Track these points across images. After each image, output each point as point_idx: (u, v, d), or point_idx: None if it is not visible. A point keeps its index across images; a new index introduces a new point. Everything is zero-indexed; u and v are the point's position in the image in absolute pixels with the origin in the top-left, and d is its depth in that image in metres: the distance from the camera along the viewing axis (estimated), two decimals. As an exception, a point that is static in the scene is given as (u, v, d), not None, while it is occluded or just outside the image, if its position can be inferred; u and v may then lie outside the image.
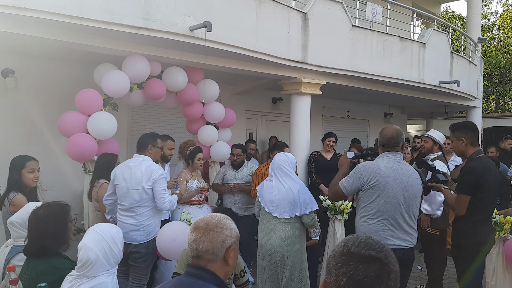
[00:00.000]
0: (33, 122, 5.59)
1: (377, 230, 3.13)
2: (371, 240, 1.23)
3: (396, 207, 3.14)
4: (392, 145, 3.31)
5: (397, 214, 3.14)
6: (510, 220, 4.13)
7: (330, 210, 5.29)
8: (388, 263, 1.16)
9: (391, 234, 3.13)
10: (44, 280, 2.32)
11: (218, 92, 5.87)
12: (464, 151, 3.74)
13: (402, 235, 3.16)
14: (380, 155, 3.35)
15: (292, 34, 5.96)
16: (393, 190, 3.13)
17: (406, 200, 3.17)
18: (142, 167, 3.98)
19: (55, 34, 4.13)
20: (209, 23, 4.38)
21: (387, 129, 3.38)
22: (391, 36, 7.47)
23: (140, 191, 3.94)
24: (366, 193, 3.20)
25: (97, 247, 2.31)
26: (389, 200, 3.13)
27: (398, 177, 3.17)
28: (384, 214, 3.13)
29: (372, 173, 3.16)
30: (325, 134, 6.72)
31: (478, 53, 10.66)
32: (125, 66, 4.90)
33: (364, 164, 3.28)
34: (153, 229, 4.06)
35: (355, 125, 11.23)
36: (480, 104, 10.93)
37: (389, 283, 1.14)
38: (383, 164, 3.22)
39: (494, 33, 24.56)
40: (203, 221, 1.81)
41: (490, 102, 24.02)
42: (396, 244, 3.12)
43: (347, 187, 3.28)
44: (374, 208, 3.15)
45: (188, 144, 5.40)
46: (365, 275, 1.14)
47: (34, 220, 2.60)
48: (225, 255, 1.76)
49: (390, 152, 3.30)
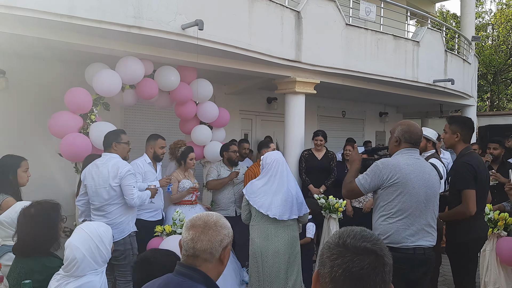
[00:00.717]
0: (24, 122, 5.54)
1: (397, 229, 2.98)
2: (366, 233, 1.22)
3: (417, 206, 3.00)
4: (418, 142, 3.18)
5: (418, 213, 3.00)
6: (504, 216, 4.12)
7: (325, 209, 5.28)
8: (383, 255, 1.16)
9: (412, 233, 2.98)
10: (33, 278, 2.29)
11: (211, 91, 5.84)
12: (455, 145, 3.72)
13: (422, 235, 3.03)
14: (398, 151, 3.17)
15: (286, 33, 5.94)
16: (414, 188, 2.99)
17: (427, 198, 3.04)
18: (108, 165, 3.99)
19: (45, 33, 4.10)
20: (201, 22, 4.35)
21: (413, 126, 3.20)
22: (385, 35, 7.47)
23: (108, 189, 3.94)
24: (385, 191, 3.03)
25: (84, 246, 2.28)
26: (411, 198, 2.98)
27: (419, 174, 3.04)
28: (405, 213, 2.98)
29: (393, 170, 3.00)
30: (314, 132, 6.64)
31: (472, 52, 10.68)
32: (119, 68, 4.88)
33: (383, 161, 3.11)
34: (126, 225, 4.07)
35: (350, 124, 11.23)
36: (474, 103, 10.95)
37: (384, 275, 1.14)
38: (403, 161, 3.06)
39: (488, 32, 24.66)
40: (200, 219, 1.75)
41: (485, 101, 24.11)
42: (418, 244, 2.99)
43: (364, 184, 3.10)
44: (395, 206, 2.99)
45: (179, 144, 5.37)
46: (361, 267, 1.13)
47: (25, 219, 2.57)
48: (221, 255, 1.72)
49: (408, 148, 3.14)
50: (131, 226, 4.14)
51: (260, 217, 4.02)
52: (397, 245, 2.95)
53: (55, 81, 5.68)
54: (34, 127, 5.44)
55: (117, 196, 4.00)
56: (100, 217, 3.98)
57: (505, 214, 4.11)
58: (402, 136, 3.16)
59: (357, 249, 1.16)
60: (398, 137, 3.17)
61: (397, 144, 3.18)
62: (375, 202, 3.17)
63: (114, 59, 4.94)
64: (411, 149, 3.15)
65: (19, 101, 5.57)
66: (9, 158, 3.81)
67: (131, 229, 4.13)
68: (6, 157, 3.83)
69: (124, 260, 4.02)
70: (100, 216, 3.99)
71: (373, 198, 3.24)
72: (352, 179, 3.22)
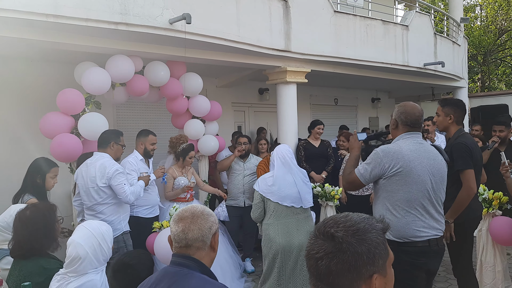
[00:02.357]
0: (15, 124, 5.50)
1: (407, 223, 2.77)
2: (344, 219, 1.23)
3: (424, 194, 2.81)
4: (419, 125, 2.97)
5: (426, 202, 2.82)
6: (498, 196, 4.17)
7: (321, 197, 5.30)
8: (343, 242, 1.17)
9: (423, 224, 2.80)
10: (32, 280, 2.30)
11: (201, 85, 5.81)
12: (448, 127, 3.74)
13: (433, 224, 2.85)
14: (399, 136, 2.97)
15: (274, 23, 5.92)
16: (419, 176, 2.79)
17: (434, 185, 2.85)
18: (96, 164, 3.95)
19: (31, 33, 4.05)
20: (188, 15, 4.32)
21: (411, 107, 2.99)
22: (374, 20, 7.46)
23: (96, 189, 3.93)
24: (388, 181, 2.82)
25: (87, 243, 2.29)
26: (417, 187, 2.78)
27: (423, 160, 2.83)
28: (412, 204, 2.78)
29: (394, 159, 2.79)
30: (313, 122, 6.72)
31: (462, 33, 10.70)
32: (109, 67, 4.84)
33: (383, 148, 2.89)
34: (118, 224, 4.04)
35: (343, 112, 11.25)
36: (466, 84, 10.99)
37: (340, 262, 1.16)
38: (405, 147, 2.85)
39: (476, 13, 24.70)
40: (187, 211, 1.81)
41: (476, 82, 24.19)
42: (430, 234, 2.82)
43: (365, 175, 2.88)
44: (401, 198, 2.79)
45: (182, 140, 5.33)
46: (317, 250, 1.19)
47: (21, 222, 2.57)
48: (212, 241, 1.79)
49: (410, 132, 2.94)
50: (123, 225, 4.11)
51: (279, 214, 3.90)
52: (410, 239, 2.79)
53: (44, 82, 5.63)
54: (26, 129, 5.40)
55: (107, 196, 3.97)
56: (91, 216, 3.97)
57: (499, 194, 4.16)
58: (399, 118, 2.99)
59: (320, 234, 1.21)
60: (395, 120, 3.01)
61: (395, 127, 3.02)
62: (376, 192, 2.96)
63: (103, 57, 4.90)
64: (413, 133, 2.96)
65: (7, 102, 5.51)
66: (42, 162, 3.84)
67: (123, 228, 4.10)
68: (40, 160, 3.86)
69: None
70: (91, 216, 3.97)
71: (373, 188, 3.04)
72: (352, 169, 3.03)
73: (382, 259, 1.19)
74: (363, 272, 1.15)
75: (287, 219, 3.90)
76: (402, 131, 2.98)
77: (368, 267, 1.16)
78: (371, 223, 1.23)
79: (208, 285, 1.66)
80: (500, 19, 22.84)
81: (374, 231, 1.21)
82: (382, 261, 1.19)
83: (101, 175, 3.91)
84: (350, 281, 1.15)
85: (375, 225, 1.23)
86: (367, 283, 1.16)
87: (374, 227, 1.22)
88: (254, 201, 4.04)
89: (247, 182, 5.87)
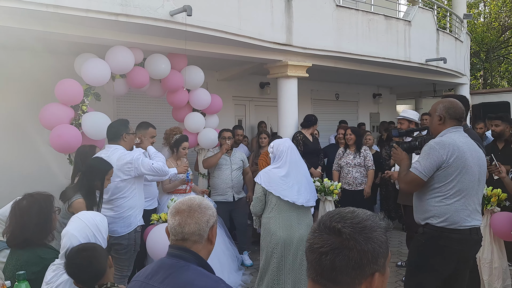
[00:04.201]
0: (14, 115, 5.50)
1: (456, 210, 2.91)
2: (350, 215, 1.21)
3: (474, 185, 2.96)
4: (462, 118, 3.09)
5: (473, 192, 2.97)
6: (496, 193, 4.17)
7: (320, 192, 5.31)
8: (351, 239, 1.15)
9: (469, 213, 2.94)
10: (28, 270, 2.30)
11: (202, 78, 5.80)
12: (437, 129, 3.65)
13: (475, 215, 3.00)
14: (445, 130, 3.05)
15: (276, 16, 5.89)
16: (471, 167, 2.93)
17: (480, 177, 3.01)
18: (113, 158, 3.81)
19: (32, 24, 4.05)
20: (189, 7, 4.29)
21: (456, 102, 3.11)
22: (376, 15, 7.42)
23: (116, 183, 3.83)
24: (444, 172, 2.92)
25: (81, 234, 2.29)
26: (468, 178, 2.92)
27: (473, 152, 2.98)
28: (463, 193, 2.92)
29: (451, 150, 2.90)
30: (314, 118, 6.56)
31: (464, 30, 10.64)
32: (109, 58, 4.82)
33: (437, 141, 2.99)
34: (134, 219, 3.97)
35: (344, 107, 11.22)
36: (467, 81, 10.95)
37: (345, 258, 1.13)
38: (457, 139, 2.97)
39: (480, 9, 24.57)
40: (184, 204, 1.78)
41: (478, 79, 24.11)
42: (473, 224, 2.95)
43: (424, 171, 2.94)
44: (454, 187, 2.91)
45: (175, 131, 5.33)
46: (322, 245, 1.16)
47: (17, 211, 2.57)
48: (209, 234, 1.77)
49: (456, 126, 3.06)
50: (138, 219, 4.03)
51: (282, 207, 3.89)
52: (455, 226, 2.92)
53: (46, 73, 5.61)
54: (27, 120, 5.39)
55: (127, 189, 3.91)
56: (107, 210, 3.87)
57: (497, 190, 4.16)
58: (446, 112, 3.06)
59: (326, 228, 1.18)
60: (441, 115, 3.07)
61: (442, 123, 3.09)
62: (427, 183, 3.00)
63: (103, 49, 4.88)
64: (458, 127, 3.07)
65: (7, 93, 5.51)
66: (101, 163, 3.59)
67: (138, 222, 4.02)
68: (98, 160, 3.63)
69: (125, 255, 3.95)
70: (108, 209, 3.87)
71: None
72: (406, 172, 3.09)
73: (384, 258, 1.19)
74: (366, 270, 1.15)
75: (289, 212, 3.89)
76: (450, 125, 3.06)
77: (371, 265, 1.15)
78: (376, 221, 1.22)
79: (204, 278, 1.65)
80: (503, 16, 22.72)
81: (379, 230, 1.20)
82: (384, 260, 1.19)
83: (120, 167, 3.81)
84: (352, 278, 1.14)
85: (379, 224, 1.22)
86: (367, 281, 1.16)
87: (379, 225, 1.21)
88: (256, 194, 3.98)
89: (236, 177, 5.83)
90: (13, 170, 5.38)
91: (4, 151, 5.42)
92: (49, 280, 2.26)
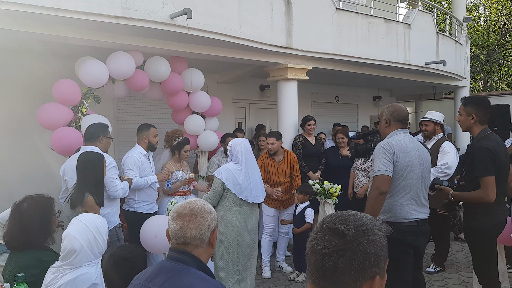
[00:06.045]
0: (13, 117, 5.50)
1: (401, 205, 3.22)
2: (353, 217, 1.22)
3: (418, 182, 3.25)
4: (406, 121, 3.41)
5: (418, 189, 3.26)
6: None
7: (320, 194, 5.31)
8: (354, 241, 1.15)
9: (414, 208, 3.24)
10: (28, 272, 2.30)
11: (203, 81, 5.81)
12: (471, 127, 3.56)
13: (421, 208, 3.30)
14: (392, 132, 3.36)
15: (276, 19, 5.90)
16: (415, 165, 3.22)
17: (424, 174, 3.30)
18: None
19: (33, 26, 4.06)
20: (189, 10, 4.31)
21: (400, 106, 3.43)
22: (376, 18, 7.44)
23: None
24: (394, 170, 3.18)
25: (82, 236, 2.29)
26: (414, 176, 3.21)
27: (416, 152, 3.26)
28: (408, 189, 3.21)
29: (397, 150, 3.18)
30: (304, 118, 6.60)
31: (464, 33, 10.66)
32: (109, 64, 4.83)
33: (384, 143, 3.24)
34: (111, 217, 4.07)
35: (344, 109, 11.22)
36: (467, 84, 10.95)
37: (351, 262, 1.14)
38: (402, 140, 3.26)
39: (480, 12, 24.61)
40: (186, 208, 1.77)
41: (478, 82, 24.12)
42: (419, 217, 3.26)
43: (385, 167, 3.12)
44: (400, 184, 3.20)
45: (177, 134, 5.32)
46: (325, 246, 1.16)
47: (18, 213, 2.57)
48: (210, 238, 1.77)
49: (402, 129, 3.37)
50: (116, 218, 4.16)
51: (239, 201, 4.26)
52: (403, 220, 3.22)
53: (47, 76, 5.62)
54: (28, 122, 5.40)
55: None
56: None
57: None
58: (391, 116, 3.37)
59: (329, 229, 1.19)
60: (387, 119, 3.39)
61: (388, 125, 3.39)
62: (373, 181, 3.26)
63: (104, 52, 4.89)
64: (403, 129, 3.37)
65: (12, 95, 5.52)
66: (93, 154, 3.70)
67: (116, 221, 4.14)
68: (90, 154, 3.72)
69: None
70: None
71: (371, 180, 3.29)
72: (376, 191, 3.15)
73: (384, 262, 1.20)
74: (368, 273, 1.15)
75: (243, 206, 4.29)
76: (395, 127, 3.37)
77: (372, 268, 1.16)
78: (377, 225, 1.23)
79: (203, 282, 1.64)
80: (503, 19, 22.76)
81: (381, 233, 1.21)
82: (384, 264, 1.20)
83: None
84: (354, 280, 1.14)
85: (380, 227, 1.23)
86: (368, 284, 1.16)
87: (380, 229, 1.22)
88: (215, 188, 4.25)
89: None
90: (13, 171, 5.38)
91: (5, 153, 5.42)
92: (49, 282, 2.26)
